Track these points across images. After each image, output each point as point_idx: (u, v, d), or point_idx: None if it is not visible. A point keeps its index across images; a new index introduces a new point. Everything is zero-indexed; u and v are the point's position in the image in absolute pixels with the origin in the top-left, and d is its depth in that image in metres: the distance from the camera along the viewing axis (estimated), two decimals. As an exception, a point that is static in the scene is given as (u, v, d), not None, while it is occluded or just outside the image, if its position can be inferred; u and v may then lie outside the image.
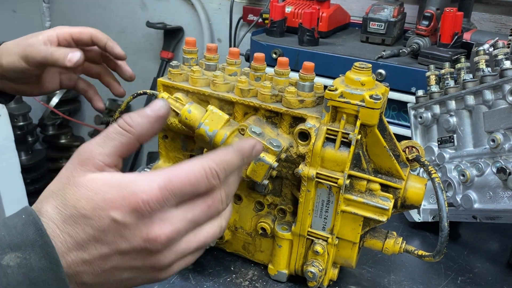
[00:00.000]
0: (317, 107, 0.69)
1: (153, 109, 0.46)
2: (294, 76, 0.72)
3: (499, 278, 0.82)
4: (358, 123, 0.63)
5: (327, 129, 0.65)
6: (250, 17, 2.08)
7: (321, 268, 0.70)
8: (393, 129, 0.69)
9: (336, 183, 0.65)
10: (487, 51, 0.87)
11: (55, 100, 2.69)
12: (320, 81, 0.73)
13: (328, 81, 1.13)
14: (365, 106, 0.62)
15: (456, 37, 1.28)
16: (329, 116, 0.65)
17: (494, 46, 0.87)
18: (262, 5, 2.07)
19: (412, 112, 0.99)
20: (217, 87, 0.71)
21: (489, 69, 0.84)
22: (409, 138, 0.78)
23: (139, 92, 0.74)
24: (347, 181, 0.65)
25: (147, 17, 2.42)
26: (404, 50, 1.33)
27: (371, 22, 1.49)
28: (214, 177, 0.45)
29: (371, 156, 0.66)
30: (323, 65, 1.32)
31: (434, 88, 0.94)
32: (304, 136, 0.67)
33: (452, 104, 0.88)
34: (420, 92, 0.97)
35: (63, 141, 2.88)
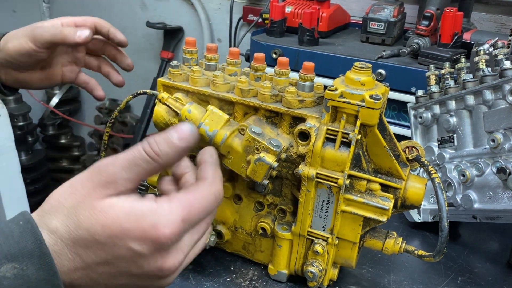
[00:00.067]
0: (317, 107, 0.69)
1: (181, 137, 0.44)
2: (294, 76, 0.72)
3: (499, 278, 0.82)
4: (358, 123, 0.63)
5: (327, 129, 0.65)
6: (250, 17, 2.08)
7: (321, 268, 0.70)
8: (393, 129, 0.69)
9: (336, 183, 0.65)
10: (487, 51, 0.87)
11: (55, 100, 2.69)
12: (320, 81, 0.73)
13: (328, 81, 1.13)
14: (365, 106, 0.62)
15: (456, 37, 1.28)
16: (329, 116, 0.65)
17: (494, 46, 0.87)
18: (262, 5, 2.07)
19: (412, 112, 0.99)
20: (217, 87, 0.71)
21: (489, 69, 0.83)
22: (409, 138, 0.78)
23: (139, 91, 0.74)
24: (347, 181, 0.65)
25: (147, 17, 2.42)
26: (404, 50, 1.33)
27: (371, 22, 1.49)
28: (221, 199, 0.48)
29: (371, 156, 0.66)
30: (323, 65, 1.32)
31: (434, 88, 0.93)
32: (304, 136, 0.67)
33: (452, 104, 0.88)
34: (420, 92, 0.97)
35: (63, 141, 2.88)
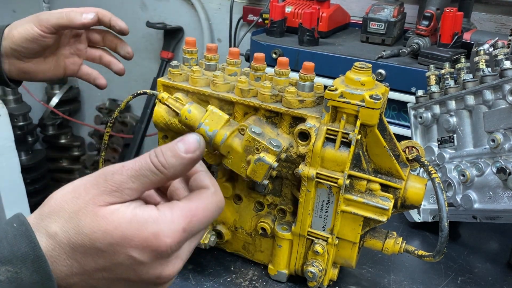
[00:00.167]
0: (317, 107, 0.69)
1: (188, 150, 0.44)
2: (294, 76, 0.72)
3: (499, 278, 0.82)
4: (358, 123, 0.63)
5: (327, 129, 0.65)
6: (250, 17, 2.08)
7: (321, 268, 0.70)
8: (393, 129, 0.69)
9: (336, 183, 0.65)
10: (487, 51, 0.87)
11: (55, 100, 2.69)
12: (320, 81, 0.73)
13: (328, 81, 1.13)
14: (365, 106, 0.62)
15: (456, 37, 1.28)
16: (329, 116, 0.65)
17: (494, 46, 0.87)
18: (262, 5, 2.07)
19: (412, 112, 0.99)
20: (217, 87, 0.71)
21: (489, 69, 0.83)
22: (409, 138, 0.78)
23: (139, 91, 0.74)
24: (347, 181, 0.65)
25: (147, 17, 2.41)
26: (404, 50, 1.33)
27: (371, 22, 1.49)
28: (223, 209, 0.48)
29: (371, 156, 0.66)
30: (323, 65, 1.32)
31: (434, 88, 0.93)
32: (304, 136, 0.67)
33: (452, 104, 0.88)
34: (420, 92, 0.97)
35: (63, 141, 2.88)
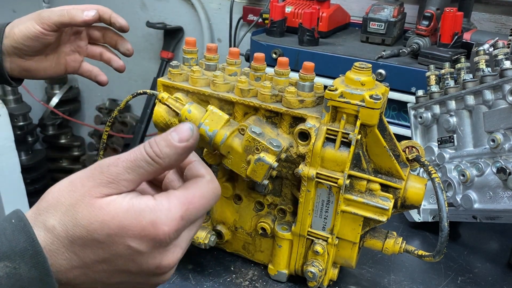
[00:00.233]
0: (317, 107, 0.69)
1: (182, 139, 0.43)
2: (294, 76, 0.72)
3: (499, 278, 0.82)
4: (358, 123, 0.63)
5: (327, 129, 0.65)
6: (250, 17, 2.08)
7: (321, 268, 0.70)
8: (393, 129, 0.69)
9: (336, 183, 0.65)
10: (487, 51, 0.87)
11: (55, 100, 2.69)
12: (320, 81, 0.73)
13: (328, 81, 1.13)
14: (365, 106, 0.62)
15: (456, 37, 1.28)
16: (329, 116, 0.65)
17: (494, 46, 0.87)
18: (262, 5, 2.07)
19: (412, 112, 0.99)
20: (217, 87, 0.71)
21: (489, 69, 0.83)
22: (409, 138, 0.78)
23: (139, 91, 0.74)
24: (347, 181, 0.65)
25: (147, 17, 2.42)
26: (404, 50, 1.33)
27: (371, 22, 1.49)
28: (220, 196, 0.48)
29: (371, 156, 0.66)
30: (323, 65, 1.32)
31: (434, 88, 0.93)
32: (304, 136, 0.67)
33: (452, 104, 0.88)
34: (420, 92, 0.97)
35: (63, 141, 2.89)
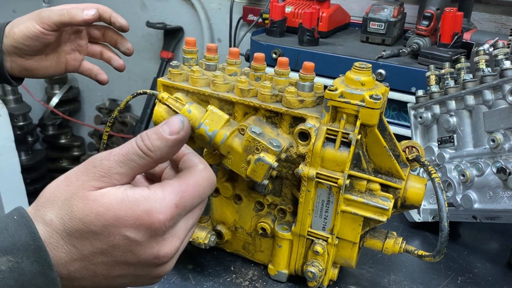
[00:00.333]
0: (317, 107, 0.69)
1: (172, 131, 0.44)
2: (294, 76, 0.72)
3: (499, 278, 0.82)
4: (358, 123, 0.63)
5: (327, 129, 0.65)
6: (250, 17, 2.08)
7: (321, 268, 0.70)
8: (393, 129, 0.69)
9: (336, 183, 0.65)
10: (487, 51, 0.87)
11: (55, 100, 2.69)
12: (320, 81, 0.73)
13: (328, 81, 1.13)
14: (365, 106, 0.62)
15: (456, 37, 1.28)
16: (329, 116, 0.65)
17: (494, 46, 0.87)
18: (262, 5, 2.07)
19: (412, 112, 0.99)
20: (217, 87, 0.71)
21: (489, 69, 0.83)
22: (409, 138, 0.78)
23: (139, 91, 0.74)
24: (347, 181, 0.65)
25: (147, 17, 2.42)
26: (404, 50, 1.33)
27: (371, 22, 1.49)
28: (215, 184, 0.48)
29: (371, 156, 0.66)
30: (323, 65, 1.32)
31: (434, 88, 0.93)
32: (304, 136, 0.67)
33: (452, 104, 0.88)
34: (420, 92, 0.97)
35: (63, 141, 2.89)
